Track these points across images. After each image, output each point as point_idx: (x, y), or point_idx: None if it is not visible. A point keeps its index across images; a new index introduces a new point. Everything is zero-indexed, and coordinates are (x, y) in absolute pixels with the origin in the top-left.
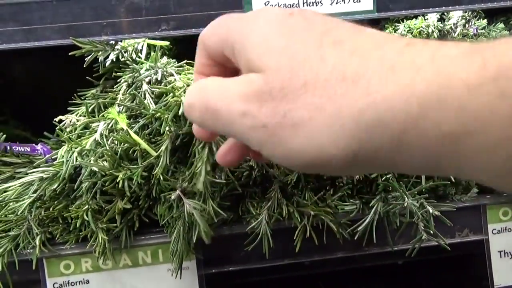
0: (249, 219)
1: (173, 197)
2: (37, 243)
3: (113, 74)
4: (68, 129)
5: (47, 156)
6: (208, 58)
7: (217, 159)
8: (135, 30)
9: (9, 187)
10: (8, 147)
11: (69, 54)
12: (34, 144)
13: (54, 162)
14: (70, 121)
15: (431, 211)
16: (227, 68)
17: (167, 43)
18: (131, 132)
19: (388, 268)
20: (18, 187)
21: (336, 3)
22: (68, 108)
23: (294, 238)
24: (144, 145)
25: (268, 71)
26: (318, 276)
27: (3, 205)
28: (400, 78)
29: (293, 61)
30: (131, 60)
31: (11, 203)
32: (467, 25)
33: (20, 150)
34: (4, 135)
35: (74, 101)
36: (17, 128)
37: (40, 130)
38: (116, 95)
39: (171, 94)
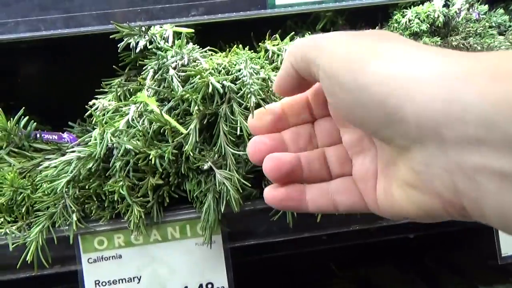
0: None
1: (205, 167)
2: (74, 218)
3: (138, 62)
4: (98, 113)
5: (79, 140)
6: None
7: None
8: (167, 16)
9: (49, 166)
10: (38, 135)
11: (110, 37)
12: (60, 133)
13: (89, 143)
14: (103, 105)
15: None
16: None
17: (192, 30)
18: (163, 113)
19: (397, 244)
20: (59, 164)
21: None
22: (95, 96)
23: None
24: (175, 123)
25: None
26: (330, 255)
27: (41, 185)
28: None
29: None
30: (156, 47)
31: (46, 184)
32: (470, 10)
33: (48, 138)
34: (35, 123)
35: (102, 89)
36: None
37: (57, 125)
38: (141, 82)
39: (199, 76)
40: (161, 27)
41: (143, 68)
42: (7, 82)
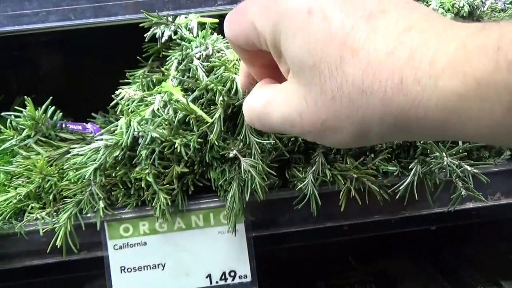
0: (296, 181)
1: (231, 155)
2: (101, 205)
3: (161, 53)
4: (123, 103)
5: (104, 129)
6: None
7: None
8: (193, 6)
9: (77, 153)
10: (63, 125)
11: (140, 25)
12: (84, 123)
13: (115, 132)
14: (128, 95)
15: (469, 168)
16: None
17: (216, 20)
18: (189, 102)
19: (415, 237)
20: (87, 152)
21: None
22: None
23: (339, 199)
24: (200, 112)
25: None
26: (350, 246)
27: (67, 173)
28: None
29: (321, 76)
30: (181, 38)
31: (72, 172)
32: None
33: (73, 128)
34: (61, 113)
35: (126, 80)
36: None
37: (78, 117)
38: (165, 72)
39: (223, 67)
40: (186, 17)
41: (166, 59)
42: (29, 75)
